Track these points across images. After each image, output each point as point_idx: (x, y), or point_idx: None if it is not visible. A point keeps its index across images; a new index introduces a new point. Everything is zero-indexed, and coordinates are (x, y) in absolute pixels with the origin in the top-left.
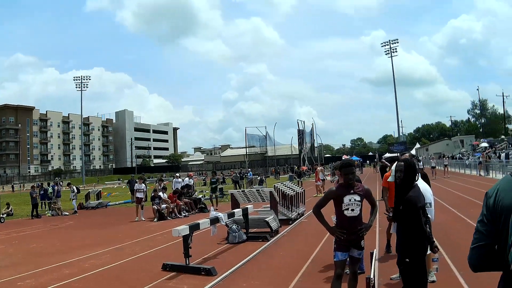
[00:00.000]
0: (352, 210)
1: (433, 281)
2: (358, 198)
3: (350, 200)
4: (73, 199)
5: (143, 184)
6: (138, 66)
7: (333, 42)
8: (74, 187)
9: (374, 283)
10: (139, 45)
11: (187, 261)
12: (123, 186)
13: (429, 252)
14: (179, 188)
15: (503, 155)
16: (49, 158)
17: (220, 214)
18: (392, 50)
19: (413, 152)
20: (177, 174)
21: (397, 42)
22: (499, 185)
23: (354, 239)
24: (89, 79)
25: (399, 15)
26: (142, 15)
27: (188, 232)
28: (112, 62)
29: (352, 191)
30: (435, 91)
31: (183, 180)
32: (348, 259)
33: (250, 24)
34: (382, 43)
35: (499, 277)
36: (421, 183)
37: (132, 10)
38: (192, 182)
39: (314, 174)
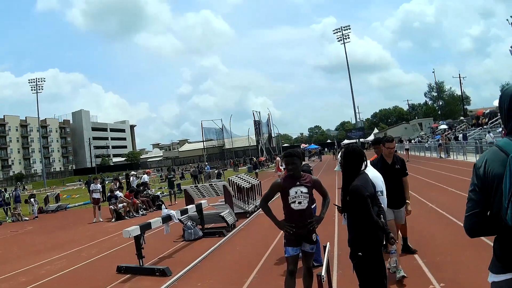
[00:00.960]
0: (300, 202)
1: (403, 277)
2: (305, 190)
3: (296, 192)
4: (33, 207)
5: (99, 185)
6: (92, 64)
7: (284, 30)
8: (34, 200)
9: (326, 280)
10: (91, 43)
11: (141, 262)
12: (83, 187)
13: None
14: (133, 186)
15: (460, 136)
16: (10, 163)
17: (172, 212)
18: (344, 37)
19: (371, 137)
20: (133, 172)
21: (349, 29)
22: (486, 156)
23: (303, 233)
24: (44, 81)
25: (350, 1)
26: (91, 13)
27: (139, 233)
28: (66, 62)
29: (298, 183)
30: (390, 75)
31: (140, 178)
32: (301, 254)
33: (199, 16)
34: (334, 30)
35: (461, 264)
36: (370, 170)
37: (80, 8)
38: (147, 179)
39: (273, 165)
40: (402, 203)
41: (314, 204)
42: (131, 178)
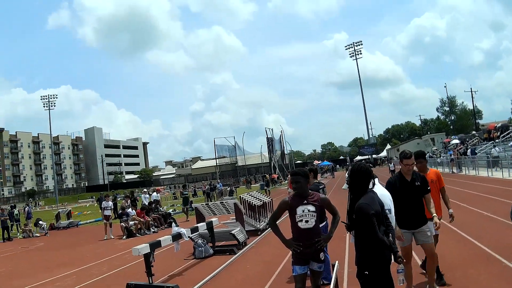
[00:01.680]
0: (306, 221)
1: None
2: (312, 208)
3: (303, 211)
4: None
5: (110, 202)
6: (104, 81)
7: (296, 47)
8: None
9: None
10: (103, 60)
11: (151, 280)
12: (95, 204)
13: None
14: (145, 203)
15: (469, 151)
16: (22, 179)
17: (183, 230)
18: (356, 52)
19: (384, 153)
20: (145, 190)
21: (361, 44)
22: None
23: (311, 252)
24: (56, 98)
25: (361, 17)
26: (102, 30)
27: (149, 251)
28: (78, 79)
29: (305, 202)
30: (401, 90)
31: (150, 195)
32: (309, 272)
33: (211, 33)
34: (346, 46)
35: (471, 280)
36: (379, 189)
37: (92, 26)
38: (159, 197)
39: (286, 182)
40: (423, 221)
41: (325, 222)
42: (143, 196)
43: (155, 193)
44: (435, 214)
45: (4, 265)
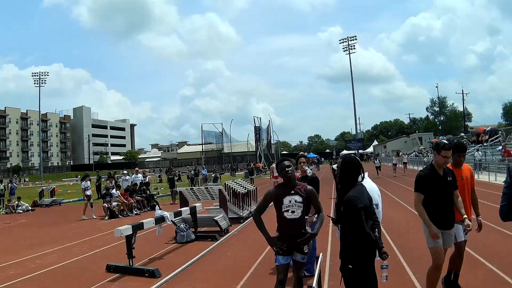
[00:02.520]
0: (293, 212)
1: None
2: (299, 199)
3: (290, 201)
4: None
5: (89, 182)
6: (96, 62)
7: (290, 38)
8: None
9: None
10: (97, 40)
11: (131, 262)
12: (79, 183)
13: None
14: (129, 185)
15: (477, 154)
16: (8, 155)
17: (166, 213)
18: (350, 47)
19: (370, 149)
20: (125, 171)
21: (355, 39)
22: None
23: (295, 242)
24: (47, 75)
25: (357, 11)
26: (97, 11)
27: (131, 232)
28: (70, 58)
29: (292, 192)
30: (393, 88)
31: (131, 177)
32: (292, 262)
33: (205, 19)
34: (340, 40)
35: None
36: (368, 183)
37: (87, 5)
38: (140, 178)
39: (270, 172)
40: (453, 222)
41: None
42: (122, 177)
43: (135, 175)
44: (466, 216)
45: None
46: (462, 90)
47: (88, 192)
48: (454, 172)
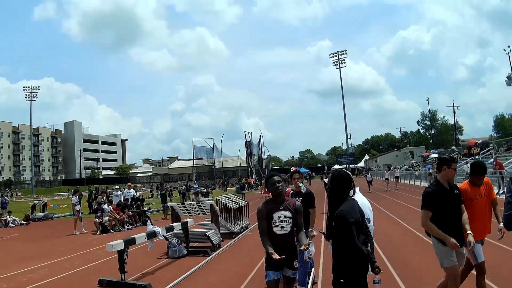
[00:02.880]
0: (282, 227)
1: None
2: (288, 214)
3: (279, 217)
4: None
5: (77, 197)
6: (87, 76)
7: (279, 52)
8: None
9: None
10: (87, 55)
11: (123, 277)
12: (71, 198)
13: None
14: (121, 200)
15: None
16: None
17: (158, 228)
18: (340, 61)
19: (361, 164)
20: (116, 187)
21: (346, 53)
22: None
23: (284, 258)
24: (39, 89)
25: (347, 26)
26: (87, 24)
27: (123, 247)
28: (61, 72)
29: (281, 207)
30: (383, 102)
31: (122, 192)
32: (282, 278)
33: (195, 34)
34: (330, 54)
35: None
36: (359, 197)
37: (77, 19)
38: (133, 193)
39: (261, 187)
40: (463, 239)
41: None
42: (114, 192)
43: (127, 190)
44: (469, 232)
45: None
46: (453, 104)
47: (77, 207)
48: (467, 188)
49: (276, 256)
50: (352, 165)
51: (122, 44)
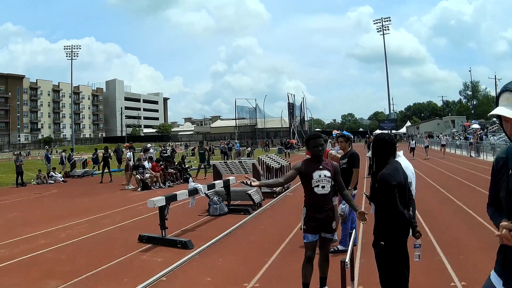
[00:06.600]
0: (323, 187)
1: None
2: (328, 173)
3: (320, 176)
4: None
5: (131, 153)
6: (127, 37)
7: (320, 17)
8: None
9: (349, 266)
10: (127, 17)
11: (164, 233)
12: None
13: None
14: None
15: (492, 138)
16: (39, 126)
17: (200, 186)
18: (384, 28)
19: (403, 130)
20: (149, 145)
21: (389, 20)
22: None
23: (323, 219)
24: (80, 48)
25: None
26: None
27: (164, 203)
28: (102, 32)
29: (321, 167)
30: (423, 70)
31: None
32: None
33: None
34: (374, 21)
35: (483, 264)
36: (403, 160)
37: None
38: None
39: (304, 148)
40: None
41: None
42: (150, 150)
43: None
44: None
45: (16, 211)
46: (495, 76)
47: (131, 163)
48: None
49: (254, 182)
50: (394, 131)
51: (161, 5)
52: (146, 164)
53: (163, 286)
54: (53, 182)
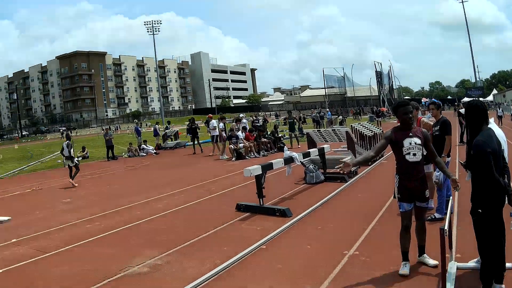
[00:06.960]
0: (414, 154)
1: None
2: (418, 141)
3: (410, 143)
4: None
5: (223, 124)
6: (209, 9)
7: None
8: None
9: (448, 234)
10: None
11: (261, 201)
12: (203, 125)
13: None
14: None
15: None
16: (126, 101)
17: (295, 154)
18: None
19: (490, 98)
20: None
21: None
22: None
23: (415, 187)
24: (160, 23)
25: None
26: None
27: (261, 172)
28: (181, 7)
29: (411, 134)
30: (506, 37)
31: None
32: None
33: None
34: None
35: None
36: (495, 128)
37: None
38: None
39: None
40: None
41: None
42: (243, 120)
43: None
44: None
45: (110, 183)
46: None
47: (224, 133)
48: None
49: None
50: (481, 99)
51: None
52: (240, 134)
53: (263, 254)
54: (145, 154)
